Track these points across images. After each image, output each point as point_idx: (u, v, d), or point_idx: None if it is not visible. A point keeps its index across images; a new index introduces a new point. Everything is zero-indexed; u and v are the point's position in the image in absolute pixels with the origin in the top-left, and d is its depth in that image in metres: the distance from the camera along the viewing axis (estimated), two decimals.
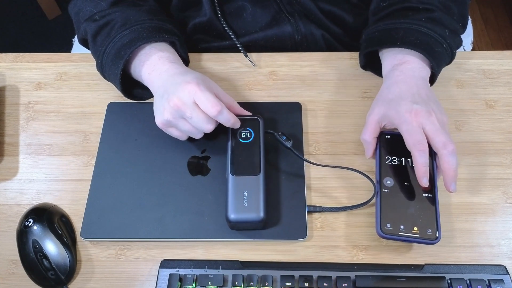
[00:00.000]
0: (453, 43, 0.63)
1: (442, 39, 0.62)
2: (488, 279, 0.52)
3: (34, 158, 0.64)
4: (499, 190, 0.60)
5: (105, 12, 0.64)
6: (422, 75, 0.61)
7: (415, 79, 0.60)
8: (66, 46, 0.75)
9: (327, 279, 0.52)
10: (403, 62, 0.62)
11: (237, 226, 0.56)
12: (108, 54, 0.62)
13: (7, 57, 0.75)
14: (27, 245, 0.55)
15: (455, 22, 0.65)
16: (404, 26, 0.63)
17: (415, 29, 0.62)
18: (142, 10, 0.65)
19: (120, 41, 0.62)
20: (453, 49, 0.64)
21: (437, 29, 0.62)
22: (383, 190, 0.56)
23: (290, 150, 0.60)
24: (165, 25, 0.65)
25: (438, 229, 0.53)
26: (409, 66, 0.61)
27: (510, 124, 0.65)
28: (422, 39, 0.61)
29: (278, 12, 0.73)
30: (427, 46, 0.61)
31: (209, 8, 0.71)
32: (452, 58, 0.66)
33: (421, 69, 0.61)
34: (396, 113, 0.57)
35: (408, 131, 0.55)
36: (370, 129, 0.59)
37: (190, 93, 0.55)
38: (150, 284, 0.55)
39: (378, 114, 0.59)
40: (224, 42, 0.75)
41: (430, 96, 0.58)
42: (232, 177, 0.57)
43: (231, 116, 0.57)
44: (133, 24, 0.63)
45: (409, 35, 0.62)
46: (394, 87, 0.60)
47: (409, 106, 0.56)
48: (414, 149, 0.55)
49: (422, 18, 0.63)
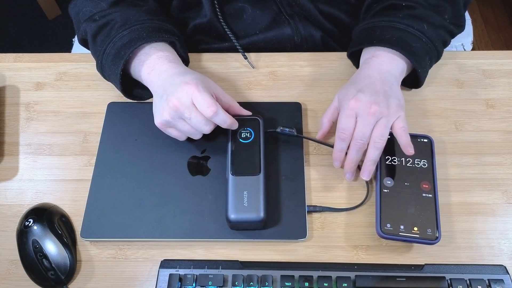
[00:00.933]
0: (434, 37, 0.63)
1: (420, 33, 0.62)
2: (488, 279, 0.52)
3: (34, 158, 0.64)
4: (499, 190, 0.60)
5: (105, 12, 0.64)
6: (389, 69, 0.61)
7: (378, 71, 0.60)
8: (66, 46, 0.75)
9: (327, 279, 0.52)
10: (373, 56, 0.63)
11: (237, 226, 0.56)
12: (108, 54, 0.62)
13: (7, 57, 0.75)
14: (27, 245, 0.55)
15: (441, 18, 0.64)
16: (381, 25, 0.63)
17: (392, 26, 0.62)
18: (142, 10, 0.65)
19: (120, 41, 0.62)
20: (436, 43, 0.63)
21: (415, 24, 0.62)
22: (383, 190, 0.56)
23: (298, 137, 0.62)
24: (165, 25, 0.65)
25: (438, 229, 0.53)
26: (377, 60, 0.62)
27: (510, 124, 0.65)
28: (398, 35, 0.62)
29: (278, 14, 0.73)
30: (403, 43, 0.61)
31: (210, 9, 0.71)
32: (438, 53, 0.65)
33: (390, 63, 0.61)
34: (342, 98, 0.59)
35: (341, 116, 0.58)
36: (328, 113, 0.61)
37: (189, 94, 0.55)
38: (150, 284, 0.55)
39: (337, 99, 0.61)
40: (224, 44, 0.75)
41: (385, 89, 0.58)
42: (232, 177, 0.57)
43: (228, 117, 0.57)
44: (133, 24, 0.63)
45: (385, 33, 0.62)
46: (355, 77, 0.62)
47: (354, 93, 0.58)
48: (337, 134, 0.57)
49: (402, 15, 0.63)
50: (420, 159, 0.59)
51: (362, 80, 0.60)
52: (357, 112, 0.56)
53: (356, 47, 0.66)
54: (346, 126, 0.57)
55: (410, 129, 0.60)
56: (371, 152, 0.57)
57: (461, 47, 0.96)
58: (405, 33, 0.62)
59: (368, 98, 0.56)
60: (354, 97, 0.57)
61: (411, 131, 0.60)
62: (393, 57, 0.62)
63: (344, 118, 0.57)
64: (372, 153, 0.57)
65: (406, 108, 0.66)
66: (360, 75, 0.61)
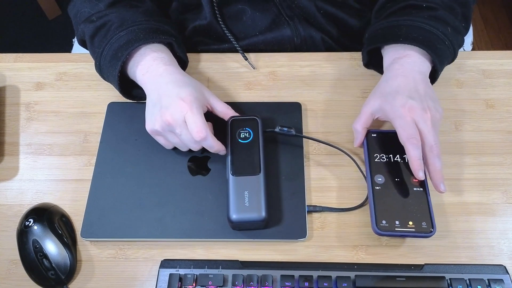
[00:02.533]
0: (455, 41, 0.64)
1: (445, 36, 0.62)
2: (488, 279, 0.52)
3: (34, 158, 0.64)
4: (498, 190, 0.60)
5: (102, 13, 0.65)
6: (422, 70, 0.61)
7: (414, 73, 0.60)
8: (66, 46, 0.75)
9: (327, 279, 0.52)
10: (404, 55, 0.62)
11: (239, 226, 0.56)
12: (106, 56, 0.62)
13: (7, 57, 0.75)
14: (27, 245, 0.55)
15: (458, 21, 0.65)
16: (407, 23, 0.63)
17: (418, 26, 0.62)
18: (139, 12, 0.65)
19: (117, 42, 0.62)
20: (455, 47, 0.64)
21: (440, 26, 0.62)
22: (375, 188, 0.57)
23: (297, 136, 0.61)
24: (162, 26, 0.65)
25: (432, 221, 0.54)
26: (409, 60, 0.61)
27: (510, 124, 0.65)
28: (425, 35, 0.62)
29: (277, 16, 0.73)
30: (429, 43, 0.61)
31: (210, 12, 0.71)
32: (454, 56, 0.66)
33: (421, 63, 0.61)
34: (391, 107, 0.57)
35: (402, 126, 0.56)
36: (362, 119, 0.60)
37: (182, 112, 0.56)
38: (150, 284, 0.55)
39: (373, 106, 0.59)
40: (224, 45, 0.75)
41: (427, 92, 0.58)
42: (233, 178, 0.57)
43: (215, 143, 0.58)
44: (129, 25, 0.63)
45: (412, 32, 0.62)
46: (392, 80, 0.60)
47: (404, 101, 0.56)
48: (408, 143, 0.55)
49: (425, 16, 0.63)
50: None
51: (405, 86, 0.58)
52: (416, 120, 0.56)
53: (379, 43, 0.65)
54: (414, 132, 0.55)
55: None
56: (436, 162, 0.55)
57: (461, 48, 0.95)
58: (431, 34, 0.62)
59: (420, 104, 0.56)
60: (408, 105, 0.56)
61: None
62: (422, 58, 0.61)
63: (407, 126, 0.55)
64: (437, 163, 0.55)
65: None
66: (398, 78, 0.60)
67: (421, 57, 0.62)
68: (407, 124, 0.55)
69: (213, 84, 0.70)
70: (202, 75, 0.71)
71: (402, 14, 0.65)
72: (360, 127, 0.60)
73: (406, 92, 0.57)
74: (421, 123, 0.55)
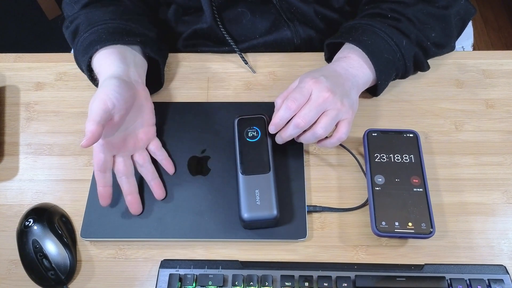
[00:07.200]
0: (408, 54, 0.62)
1: (397, 47, 0.61)
2: (488, 279, 0.52)
3: (34, 158, 0.64)
4: (498, 190, 0.60)
5: (75, 16, 0.65)
6: (355, 74, 0.61)
7: (345, 71, 0.60)
8: (66, 46, 0.75)
9: (327, 279, 0.52)
10: (344, 57, 0.62)
11: (250, 225, 0.56)
12: (76, 57, 0.64)
13: (7, 57, 0.75)
14: (27, 245, 0.55)
15: (422, 36, 0.63)
16: (365, 27, 0.63)
17: (373, 31, 0.62)
18: (108, 11, 0.64)
19: (82, 44, 0.62)
20: (407, 60, 0.63)
21: (395, 37, 0.62)
22: (375, 188, 0.57)
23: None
24: (128, 26, 0.64)
25: (431, 222, 0.54)
26: (348, 61, 0.61)
27: (510, 124, 0.65)
28: (375, 41, 0.61)
29: (277, 18, 0.73)
30: (376, 49, 0.61)
31: (210, 16, 0.71)
32: (407, 69, 0.64)
33: (358, 68, 0.61)
34: (304, 76, 0.58)
35: (296, 88, 0.56)
36: (284, 93, 0.60)
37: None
38: (150, 284, 0.55)
39: (297, 81, 0.59)
40: (224, 48, 0.75)
41: (345, 88, 0.58)
42: (243, 177, 0.57)
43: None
44: (94, 25, 0.62)
45: (364, 35, 0.62)
46: (324, 67, 0.61)
47: (317, 75, 0.57)
48: (285, 101, 0.55)
49: (386, 24, 0.62)
50: (408, 154, 0.59)
51: (328, 71, 0.59)
52: (313, 93, 0.55)
53: (335, 40, 0.66)
54: (299, 98, 0.55)
55: (410, 128, 0.61)
56: (307, 136, 0.56)
57: (461, 49, 0.95)
58: (383, 42, 0.61)
59: (328, 84, 0.56)
60: (315, 78, 0.56)
61: (404, 128, 0.60)
62: (363, 65, 0.61)
63: (299, 91, 0.55)
64: (307, 137, 0.56)
65: (406, 107, 0.67)
66: (328, 68, 0.61)
67: (360, 61, 0.61)
68: (301, 89, 0.55)
69: (213, 84, 0.70)
70: (202, 75, 0.71)
71: (369, 18, 0.65)
72: (280, 100, 0.60)
73: (324, 73, 0.58)
74: (313, 97, 0.55)
